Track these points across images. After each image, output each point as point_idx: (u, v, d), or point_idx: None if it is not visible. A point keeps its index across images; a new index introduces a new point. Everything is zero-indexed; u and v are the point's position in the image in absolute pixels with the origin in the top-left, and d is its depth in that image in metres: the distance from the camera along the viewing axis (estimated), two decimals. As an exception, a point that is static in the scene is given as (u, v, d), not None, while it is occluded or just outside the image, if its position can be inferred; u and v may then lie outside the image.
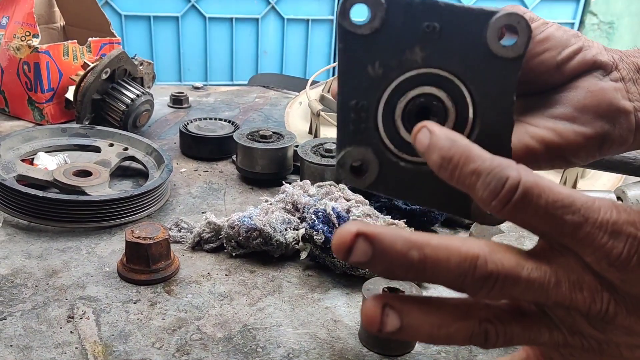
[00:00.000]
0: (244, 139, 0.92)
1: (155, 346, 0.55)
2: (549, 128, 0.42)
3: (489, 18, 0.34)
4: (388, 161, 0.37)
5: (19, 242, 0.72)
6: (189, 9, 2.52)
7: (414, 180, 0.37)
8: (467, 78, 0.35)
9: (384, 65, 0.35)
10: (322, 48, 2.77)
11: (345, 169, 0.37)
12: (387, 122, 0.36)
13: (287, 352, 0.55)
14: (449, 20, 0.34)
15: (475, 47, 0.34)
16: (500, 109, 0.36)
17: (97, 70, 1.02)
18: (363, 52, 0.35)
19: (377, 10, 0.34)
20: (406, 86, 0.35)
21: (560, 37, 0.42)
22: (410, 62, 0.35)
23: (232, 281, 0.67)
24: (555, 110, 0.42)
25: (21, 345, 0.54)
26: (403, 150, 0.37)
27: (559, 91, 0.43)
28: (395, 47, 0.35)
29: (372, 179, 0.37)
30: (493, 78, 0.35)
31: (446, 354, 0.57)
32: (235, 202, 0.87)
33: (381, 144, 0.36)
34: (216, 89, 1.56)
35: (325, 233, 0.65)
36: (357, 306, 0.63)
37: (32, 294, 0.62)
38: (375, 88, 0.35)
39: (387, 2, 0.34)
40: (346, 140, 0.36)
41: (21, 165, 0.83)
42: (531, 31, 0.34)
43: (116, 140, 0.95)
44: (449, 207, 0.38)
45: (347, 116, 0.36)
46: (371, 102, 0.36)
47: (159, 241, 0.64)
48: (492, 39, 0.34)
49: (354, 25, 0.34)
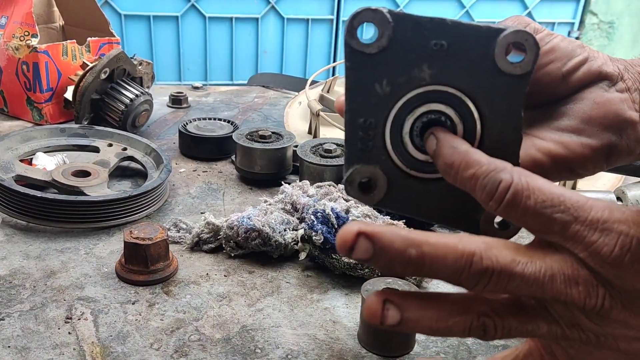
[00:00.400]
0: (243, 139, 0.92)
1: (153, 347, 0.55)
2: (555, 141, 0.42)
3: (497, 36, 0.34)
4: (397, 178, 0.37)
5: (18, 243, 0.72)
6: (188, 8, 2.52)
7: (422, 196, 0.37)
8: (474, 95, 0.35)
9: (392, 83, 0.35)
10: (322, 48, 2.77)
11: (354, 186, 0.37)
12: (395, 139, 0.36)
13: (285, 353, 0.55)
14: (456, 38, 0.34)
15: (483, 64, 0.34)
16: (508, 124, 0.36)
17: (96, 70, 1.02)
18: (371, 70, 0.35)
19: (384, 29, 0.34)
20: (414, 103, 0.36)
21: (565, 48, 0.42)
22: (418, 80, 0.35)
23: (230, 282, 0.66)
24: (561, 122, 0.43)
25: (19, 346, 0.54)
26: (411, 167, 0.37)
27: (564, 103, 0.43)
28: (403, 65, 0.35)
29: (380, 196, 0.37)
30: (501, 94, 0.35)
31: (445, 355, 0.56)
32: (234, 203, 0.87)
33: (389, 162, 0.37)
34: (215, 89, 1.56)
35: (324, 233, 0.65)
36: (356, 307, 0.62)
37: (30, 295, 0.62)
38: (383, 106, 0.35)
39: (394, 21, 0.34)
40: (354, 158, 0.36)
41: (20, 166, 0.83)
42: (539, 48, 0.35)
43: (115, 140, 0.95)
44: (457, 223, 0.38)
45: (354, 134, 0.36)
46: (379, 119, 0.36)
47: (158, 242, 0.64)
48: (499, 56, 0.34)
49: (362, 44, 0.34)
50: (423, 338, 0.58)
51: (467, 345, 0.58)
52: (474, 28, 0.34)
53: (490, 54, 0.34)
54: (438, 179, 0.37)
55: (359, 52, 0.34)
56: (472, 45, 0.34)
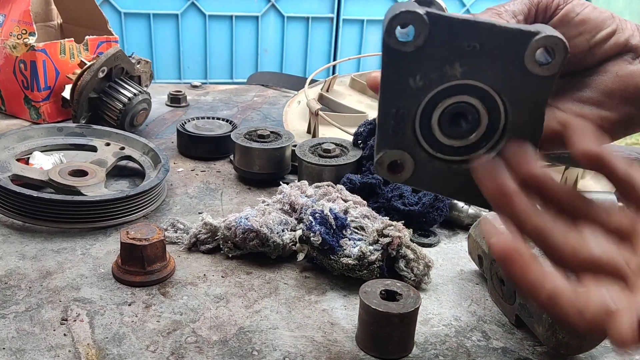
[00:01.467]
0: (242, 139, 0.92)
1: (149, 349, 0.54)
2: (575, 113, 0.44)
3: (529, 39, 0.35)
4: (423, 160, 0.40)
5: (13, 243, 0.71)
6: (188, 6, 2.51)
7: (445, 176, 0.41)
8: (501, 90, 0.38)
9: (425, 78, 0.37)
10: (322, 46, 2.76)
11: (383, 167, 0.40)
12: (424, 125, 0.39)
13: (283, 355, 0.55)
14: (488, 40, 0.36)
15: (513, 65, 0.36)
16: (531, 118, 0.38)
17: (94, 68, 1.01)
18: (406, 67, 0.37)
19: (421, 30, 0.36)
20: (443, 95, 0.38)
21: (595, 19, 0.43)
22: (450, 76, 0.37)
23: (228, 283, 0.66)
24: (583, 94, 0.45)
25: (14, 348, 0.53)
26: (437, 150, 0.40)
27: (589, 74, 0.45)
28: (436, 62, 0.37)
29: (407, 176, 0.41)
30: (527, 92, 0.37)
31: (444, 357, 0.56)
32: (232, 203, 0.86)
33: (417, 146, 0.40)
34: (214, 88, 1.55)
35: (322, 234, 0.64)
36: (355, 309, 0.62)
37: (25, 296, 0.61)
38: (415, 97, 0.38)
39: (430, 23, 0.35)
40: (385, 142, 0.39)
41: (16, 165, 0.82)
42: (568, 52, 0.36)
43: (113, 139, 0.94)
44: (475, 199, 0.41)
45: (387, 121, 0.39)
46: (410, 109, 0.38)
47: (154, 242, 0.63)
48: (529, 58, 0.36)
49: (399, 42, 0.36)
50: (421, 340, 0.58)
51: (466, 347, 0.57)
52: (506, 31, 0.36)
53: (520, 56, 0.36)
54: (460, 160, 0.40)
55: (396, 50, 0.36)
56: (503, 47, 0.36)
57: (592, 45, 0.44)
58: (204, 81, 2.45)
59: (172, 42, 2.57)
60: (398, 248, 0.65)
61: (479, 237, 0.66)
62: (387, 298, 0.56)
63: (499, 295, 0.62)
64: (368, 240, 0.65)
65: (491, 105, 0.38)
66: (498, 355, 0.56)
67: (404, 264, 0.66)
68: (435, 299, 0.65)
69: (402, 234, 0.66)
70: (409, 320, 0.55)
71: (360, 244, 0.65)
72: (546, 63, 0.36)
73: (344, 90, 1.35)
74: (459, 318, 0.62)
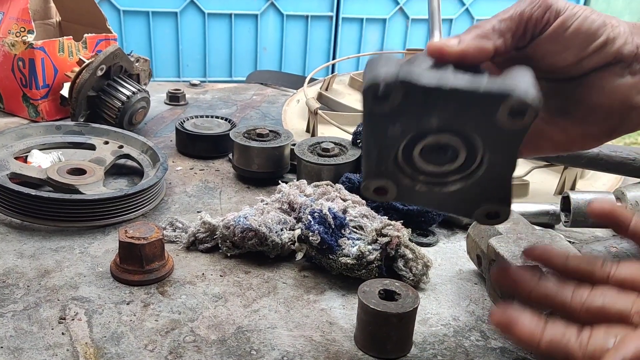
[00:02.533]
0: (241, 137, 0.92)
1: (147, 348, 0.54)
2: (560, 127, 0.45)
3: (500, 102, 0.37)
4: (406, 185, 0.44)
5: (12, 242, 0.71)
6: (187, 4, 2.50)
7: (428, 195, 0.45)
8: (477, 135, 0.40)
9: (403, 127, 0.40)
10: (322, 44, 2.76)
11: (369, 191, 0.45)
12: (406, 157, 0.42)
13: (281, 354, 0.55)
14: (462, 101, 0.38)
15: (485, 120, 0.39)
16: (505, 157, 0.41)
17: (92, 66, 1.01)
18: (384, 121, 0.40)
19: (395, 96, 0.38)
20: (423, 135, 0.41)
21: (586, 32, 0.42)
22: (427, 127, 0.40)
23: (226, 282, 0.66)
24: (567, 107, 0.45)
25: (12, 347, 0.53)
26: (418, 175, 0.44)
27: (575, 84, 0.44)
28: (413, 117, 0.40)
29: (392, 197, 0.45)
30: (500, 140, 0.40)
31: (442, 357, 0.56)
32: (231, 202, 0.86)
33: (400, 174, 0.44)
34: (213, 86, 1.55)
35: (321, 234, 0.64)
36: (353, 308, 0.62)
37: (23, 295, 0.61)
38: (396, 139, 0.41)
39: (404, 90, 0.38)
40: (370, 172, 0.44)
41: (14, 163, 0.82)
42: (537, 114, 0.37)
43: (111, 137, 0.94)
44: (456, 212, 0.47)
45: (371, 155, 0.43)
46: (392, 148, 0.42)
47: (153, 241, 0.63)
48: (501, 117, 0.38)
49: (376, 104, 0.39)
50: (420, 340, 0.58)
51: (464, 347, 0.57)
52: (477, 95, 0.38)
53: (493, 114, 0.38)
54: (441, 183, 0.44)
55: (373, 110, 0.39)
56: (476, 107, 0.38)
57: (579, 59, 0.43)
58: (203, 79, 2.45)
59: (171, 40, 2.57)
60: (397, 248, 0.65)
61: (477, 237, 0.66)
62: (386, 298, 0.56)
63: (498, 295, 0.62)
64: (367, 240, 0.65)
65: (469, 142, 0.41)
66: (496, 355, 0.56)
67: (403, 264, 0.66)
68: (434, 299, 0.65)
69: (400, 234, 0.66)
70: (407, 320, 0.55)
71: (359, 243, 0.65)
72: (518, 119, 0.38)
73: (343, 89, 1.35)
74: (458, 318, 0.62)
